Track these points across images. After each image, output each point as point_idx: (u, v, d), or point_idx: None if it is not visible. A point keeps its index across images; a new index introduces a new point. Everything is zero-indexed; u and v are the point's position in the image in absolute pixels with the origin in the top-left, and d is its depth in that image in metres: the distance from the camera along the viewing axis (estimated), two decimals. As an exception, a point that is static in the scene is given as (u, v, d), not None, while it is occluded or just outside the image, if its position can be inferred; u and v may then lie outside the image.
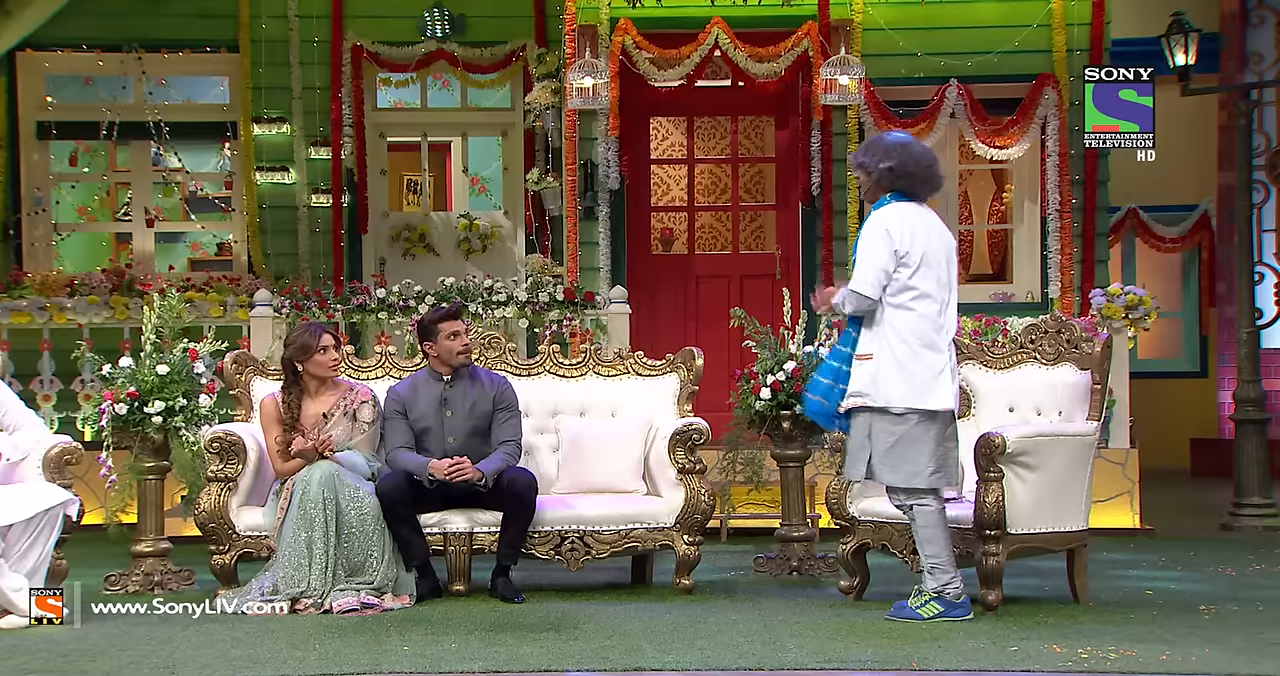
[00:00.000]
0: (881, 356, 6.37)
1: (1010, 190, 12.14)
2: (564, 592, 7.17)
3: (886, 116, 11.05)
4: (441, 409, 7.12)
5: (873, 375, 6.38)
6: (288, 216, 12.00)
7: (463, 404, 7.13)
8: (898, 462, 6.38)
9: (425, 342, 7.19)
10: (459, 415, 7.12)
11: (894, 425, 6.36)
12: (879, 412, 6.37)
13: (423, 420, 7.11)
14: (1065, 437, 6.67)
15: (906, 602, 6.41)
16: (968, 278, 12.55)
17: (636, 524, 7.13)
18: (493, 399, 7.17)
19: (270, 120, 11.94)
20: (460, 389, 7.16)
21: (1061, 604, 6.78)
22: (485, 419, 7.14)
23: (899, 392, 6.34)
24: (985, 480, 6.46)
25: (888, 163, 6.44)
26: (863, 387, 6.40)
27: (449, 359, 7.15)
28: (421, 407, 7.12)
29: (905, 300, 6.37)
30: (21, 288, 10.92)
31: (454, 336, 7.14)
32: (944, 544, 6.39)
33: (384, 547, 6.76)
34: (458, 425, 7.10)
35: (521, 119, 12.11)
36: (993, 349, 7.39)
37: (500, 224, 12.51)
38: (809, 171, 11.15)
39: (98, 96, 12.32)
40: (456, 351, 7.14)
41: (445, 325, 7.14)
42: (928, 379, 6.35)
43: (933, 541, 6.39)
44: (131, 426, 7.45)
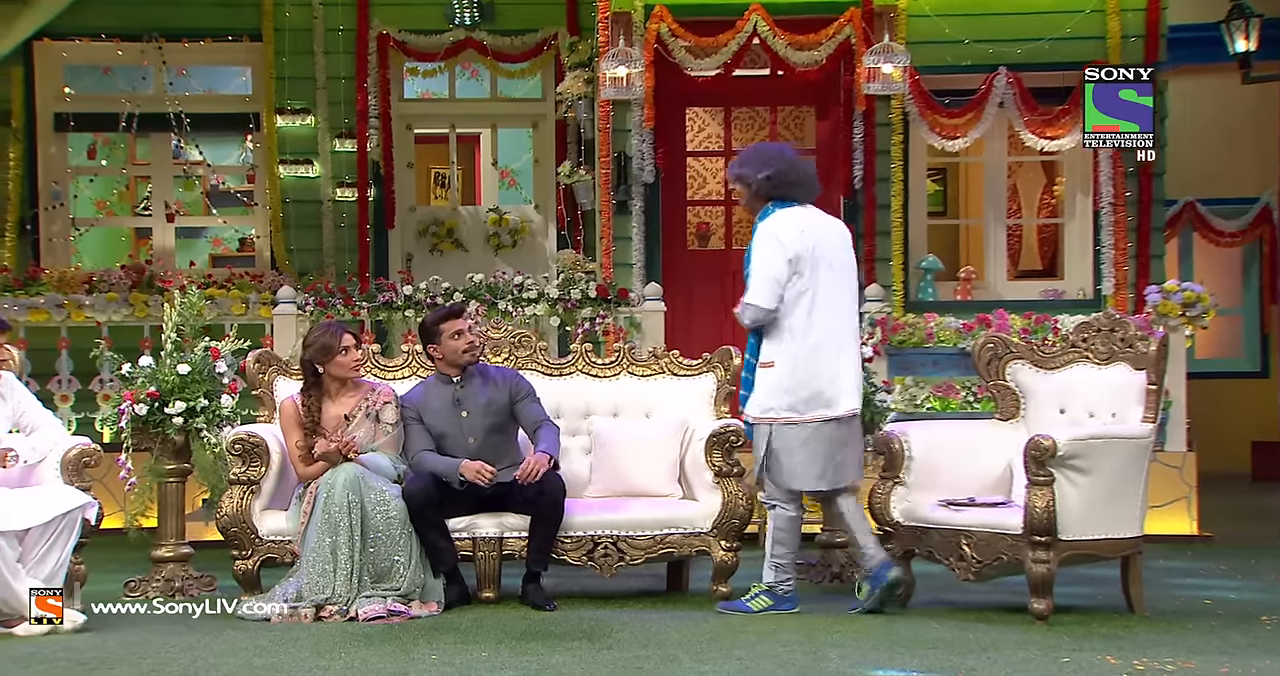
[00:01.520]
0: (781, 363, 6.65)
1: (1061, 183, 12.09)
2: (597, 600, 7.17)
3: (931, 106, 11.02)
4: (456, 410, 7.13)
5: (774, 384, 6.66)
6: (312, 211, 12.06)
7: (477, 402, 7.15)
8: (793, 467, 6.67)
9: (429, 346, 7.20)
10: (475, 414, 7.13)
11: (797, 431, 6.66)
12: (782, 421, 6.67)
13: (439, 424, 7.12)
14: (1119, 440, 6.63)
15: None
16: (1017, 273, 12.53)
17: (672, 529, 7.13)
18: (508, 392, 7.19)
19: (294, 111, 12.01)
20: (472, 388, 7.18)
21: (1116, 613, 6.75)
22: (503, 414, 7.15)
23: (801, 399, 6.64)
24: (1035, 484, 6.43)
25: (765, 172, 6.73)
26: (765, 398, 6.69)
27: (455, 359, 7.17)
28: (435, 412, 7.14)
29: (804, 305, 6.65)
30: (39, 284, 11.01)
31: (457, 335, 7.15)
32: (794, 546, 6.79)
33: (411, 553, 6.77)
34: (475, 424, 7.12)
35: (553, 110, 12.15)
36: (1043, 348, 7.36)
37: (531, 218, 12.54)
38: (851, 164, 11.13)
39: (117, 87, 12.40)
40: (462, 350, 7.15)
41: (447, 325, 7.16)
42: (829, 384, 6.67)
43: (784, 543, 6.75)
44: (152, 427, 7.50)
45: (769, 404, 6.68)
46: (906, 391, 10.22)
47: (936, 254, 11.60)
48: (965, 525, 6.68)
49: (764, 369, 6.71)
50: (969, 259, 12.69)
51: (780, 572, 6.75)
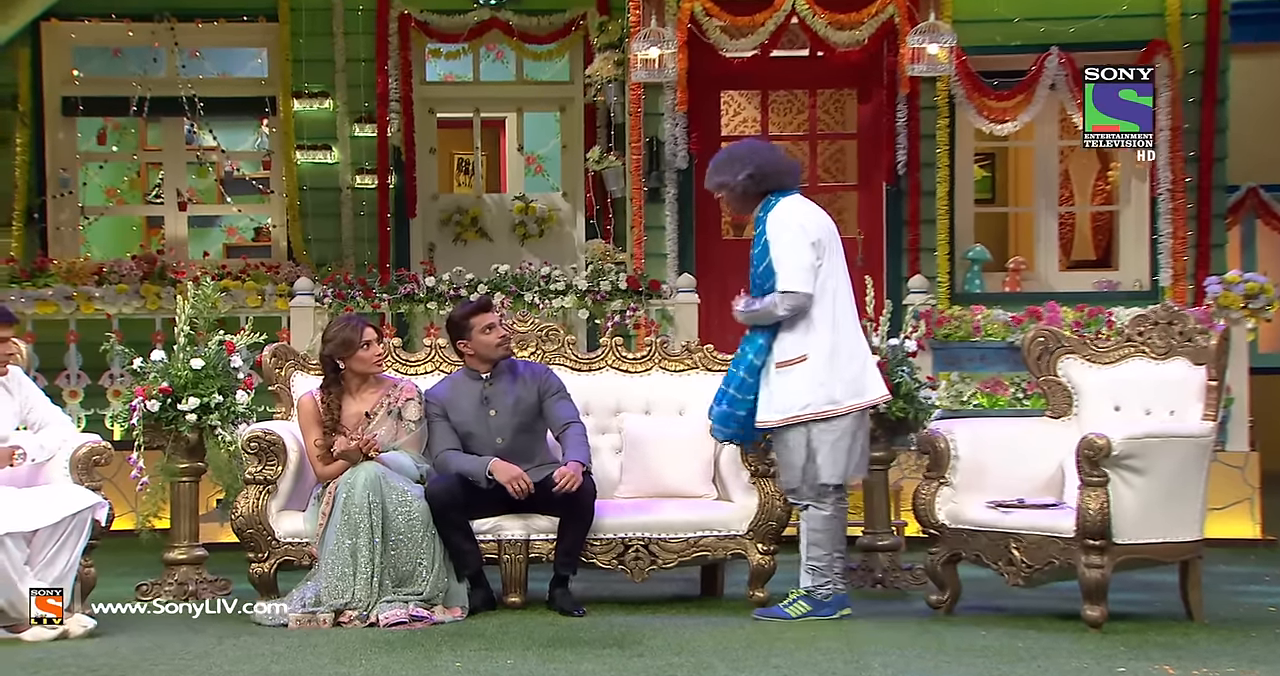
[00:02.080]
0: (816, 355, 6.62)
1: (1116, 168, 12.05)
2: (628, 605, 7.18)
3: (979, 88, 10.99)
4: (484, 409, 7.14)
5: (808, 377, 6.61)
6: (330, 199, 12.10)
7: (506, 400, 7.15)
8: (829, 461, 6.66)
9: (459, 341, 7.21)
10: (503, 413, 7.15)
11: (838, 423, 6.65)
12: (823, 415, 6.64)
13: (465, 423, 7.13)
14: (1177, 439, 6.60)
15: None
16: (1069, 264, 12.49)
17: (706, 531, 7.14)
18: (538, 390, 7.19)
19: (312, 95, 12.05)
20: (501, 385, 7.19)
21: (1174, 621, 6.72)
22: (532, 413, 7.17)
23: (839, 388, 6.63)
24: (1088, 485, 6.41)
25: (746, 171, 6.75)
26: (799, 395, 6.63)
27: (488, 354, 7.18)
28: (462, 409, 7.15)
29: (829, 291, 6.67)
30: (46, 275, 11.08)
31: (488, 329, 7.16)
32: (832, 548, 6.70)
33: (434, 556, 6.79)
34: (503, 423, 7.13)
35: (581, 93, 12.15)
36: (1096, 342, 7.33)
37: (558, 206, 12.55)
38: (894, 149, 11.12)
39: (127, 69, 12.47)
40: (495, 345, 7.17)
41: (477, 319, 7.16)
42: (860, 371, 6.71)
43: (821, 545, 6.70)
44: (164, 424, 7.54)
45: (805, 400, 6.65)
46: (952, 387, 10.20)
47: (984, 243, 11.57)
48: (1014, 528, 6.67)
49: (788, 367, 6.65)
50: (1018, 248, 12.65)
51: (818, 576, 6.73)
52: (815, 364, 6.64)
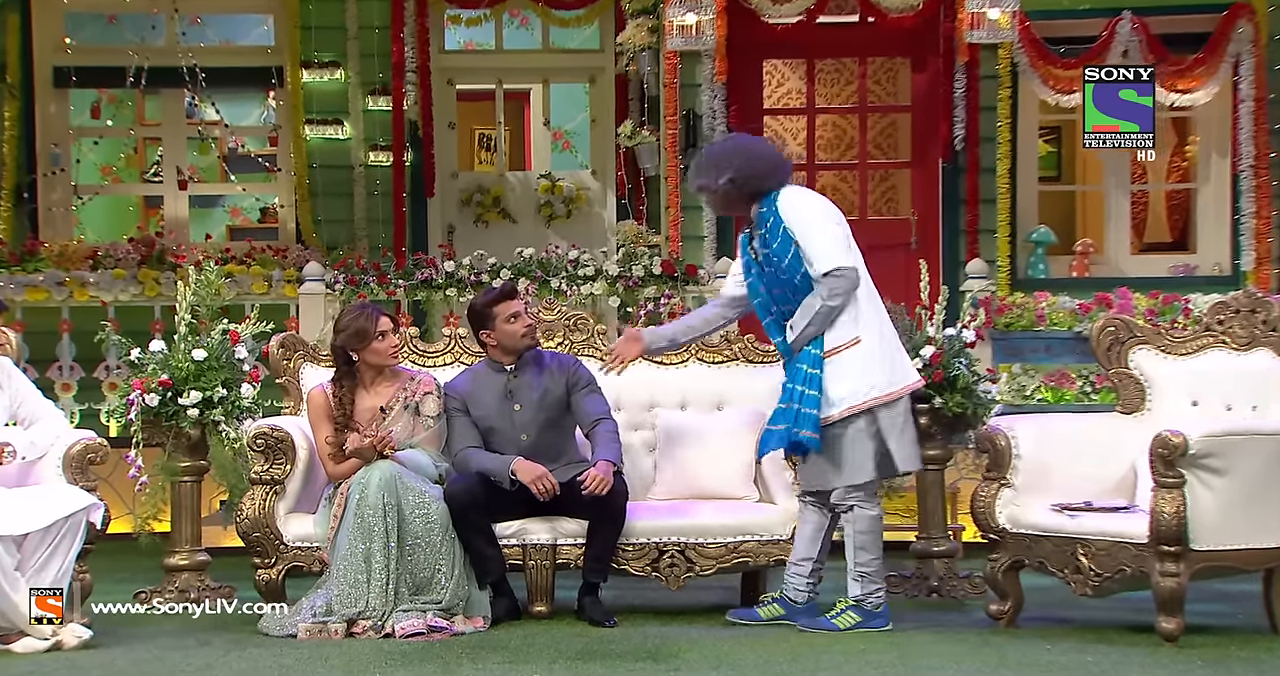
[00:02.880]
0: (869, 335, 6.66)
1: (1194, 143, 11.99)
2: (662, 615, 7.19)
3: (1044, 56, 10.96)
4: (508, 403, 7.15)
5: (864, 358, 6.62)
6: (341, 177, 12.13)
7: (531, 394, 7.16)
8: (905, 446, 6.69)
9: (481, 331, 7.21)
10: (528, 408, 7.15)
11: (898, 407, 6.69)
12: (884, 399, 6.66)
13: (487, 418, 7.14)
14: (1261, 437, 6.56)
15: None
16: (1142, 247, 12.44)
17: (747, 535, 7.13)
18: (566, 383, 7.20)
19: (322, 65, 12.08)
20: (526, 378, 7.20)
21: (1257, 634, 6.69)
22: (559, 408, 7.17)
23: (899, 370, 6.72)
24: (1163, 487, 6.38)
25: (724, 176, 6.77)
26: (860, 379, 6.61)
27: (514, 344, 7.18)
28: (485, 403, 7.16)
29: (863, 271, 6.73)
30: (37, 259, 11.13)
31: (514, 318, 7.16)
32: (879, 551, 6.74)
33: (453, 561, 6.81)
34: (528, 419, 7.14)
35: (612, 62, 12.15)
36: (1172, 331, 7.31)
37: (587, 185, 12.56)
38: (951, 122, 11.10)
39: (123, 37, 12.52)
40: (520, 335, 7.17)
41: (501, 308, 7.17)
42: (899, 349, 6.82)
43: (869, 549, 6.71)
44: (164, 420, 7.57)
45: (870, 382, 6.60)
46: (1014, 381, 10.18)
47: (1049, 225, 11.54)
48: (1082, 533, 6.64)
49: (839, 354, 6.63)
50: (1086, 230, 12.61)
51: (868, 582, 6.73)
52: (869, 344, 6.64)
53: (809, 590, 6.87)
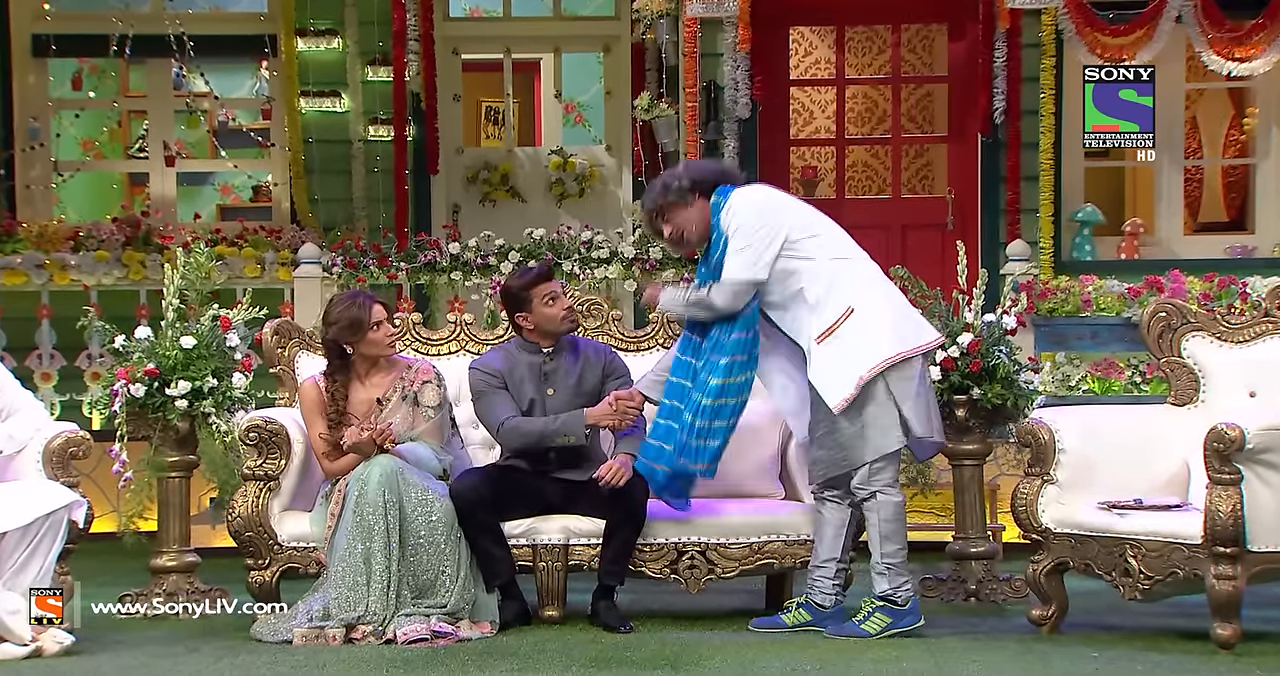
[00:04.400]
0: (862, 304, 6.69)
1: (1253, 115, 11.96)
2: (682, 620, 7.20)
3: (1092, 22, 10.92)
4: (542, 386, 7.17)
5: (867, 323, 6.65)
6: (339, 153, 12.13)
7: (567, 380, 7.18)
8: (920, 412, 6.72)
9: (518, 314, 7.21)
10: (562, 393, 7.16)
11: (909, 369, 6.69)
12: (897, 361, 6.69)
13: (523, 399, 7.16)
14: (1323, 430, 6.56)
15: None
16: (1196, 227, 12.41)
17: (772, 536, 7.14)
18: (602, 371, 7.22)
19: (318, 33, 12.07)
20: (562, 362, 7.21)
21: (1317, 642, 6.70)
22: (593, 397, 7.17)
23: (905, 327, 6.75)
24: (1218, 484, 6.37)
25: (682, 179, 6.92)
26: (871, 348, 6.63)
27: (552, 328, 7.19)
28: (521, 383, 7.17)
29: (847, 260, 6.86)
30: (15, 241, 11.16)
31: (552, 300, 7.17)
32: (904, 541, 6.79)
33: (459, 563, 6.82)
34: (560, 404, 7.14)
35: (628, 30, 12.13)
36: (1228, 317, 7.29)
37: (601, 162, 12.56)
38: (991, 94, 11.06)
39: (107, 3, 12.49)
40: (560, 318, 7.18)
41: (538, 290, 7.17)
42: (909, 311, 6.93)
43: (894, 538, 6.74)
44: (150, 412, 7.59)
45: (881, 349, 6.63)
46: (1058, 370, 10.17)
47: (1095, 203, 11.52)
48: (1131, 533, 6.64)
49: (835, 332, 6.66)
50: (1136, 209, 12.59)
51: (894, 576, 6.73)
52: (866, 311, 6.68)
53: (835, 593, 6.88)
